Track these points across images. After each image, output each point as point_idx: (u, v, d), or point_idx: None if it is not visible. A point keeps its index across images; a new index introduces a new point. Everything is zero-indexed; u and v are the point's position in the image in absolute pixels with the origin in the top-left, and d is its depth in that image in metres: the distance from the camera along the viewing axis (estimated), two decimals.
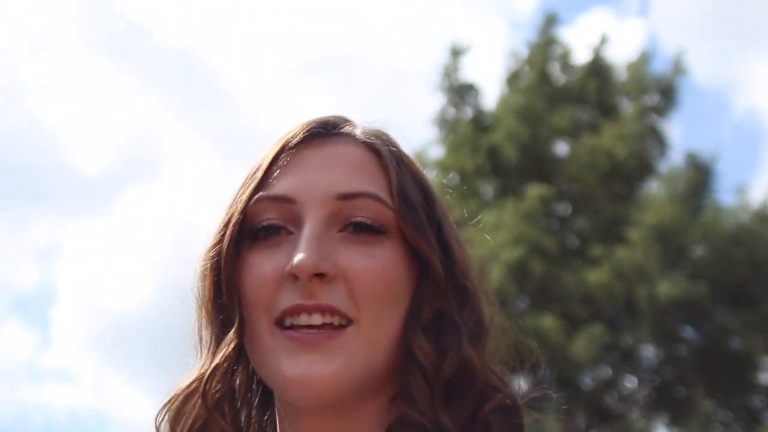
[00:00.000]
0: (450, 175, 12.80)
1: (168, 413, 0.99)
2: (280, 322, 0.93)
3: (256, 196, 0.97)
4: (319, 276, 0.92)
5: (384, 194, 0.97)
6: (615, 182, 13.30)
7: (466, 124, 13.60)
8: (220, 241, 0.98)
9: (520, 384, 1.06)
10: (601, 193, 13.14)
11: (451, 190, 1.10)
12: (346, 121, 1.05)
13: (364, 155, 1.00)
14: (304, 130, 1.00)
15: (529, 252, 12.14)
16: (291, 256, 0.93)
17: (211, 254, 0.98)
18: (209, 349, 0.99)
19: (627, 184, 13.51)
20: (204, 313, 1.00)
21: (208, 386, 0.97)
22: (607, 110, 13.75)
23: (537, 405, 1.04)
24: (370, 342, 0.93)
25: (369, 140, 1.01)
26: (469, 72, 14.65)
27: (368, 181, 0.97)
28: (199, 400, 0.97)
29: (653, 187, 13.68)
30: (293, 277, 0.92)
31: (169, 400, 1.00)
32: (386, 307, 0.95)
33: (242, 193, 0.98)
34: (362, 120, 1.07)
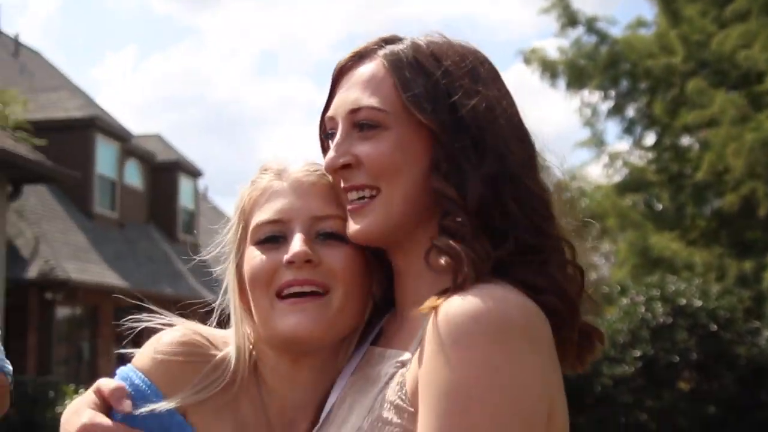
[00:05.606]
0: None
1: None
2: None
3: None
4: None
5: (381, 99, 1.34)
6: None
7: None
8: None
9: None
10: None
11: None
12: (381, 43, 1.39)
13: (376, 68, 1.37)
14: (337, 68, 1.42)
15: None
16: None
17: None
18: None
19: None
20: None
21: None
22: None
23: None
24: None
25: (385, 53, 1.37)
26: None
27: (372, 91, 1.35)
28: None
29: None
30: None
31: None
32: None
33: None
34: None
